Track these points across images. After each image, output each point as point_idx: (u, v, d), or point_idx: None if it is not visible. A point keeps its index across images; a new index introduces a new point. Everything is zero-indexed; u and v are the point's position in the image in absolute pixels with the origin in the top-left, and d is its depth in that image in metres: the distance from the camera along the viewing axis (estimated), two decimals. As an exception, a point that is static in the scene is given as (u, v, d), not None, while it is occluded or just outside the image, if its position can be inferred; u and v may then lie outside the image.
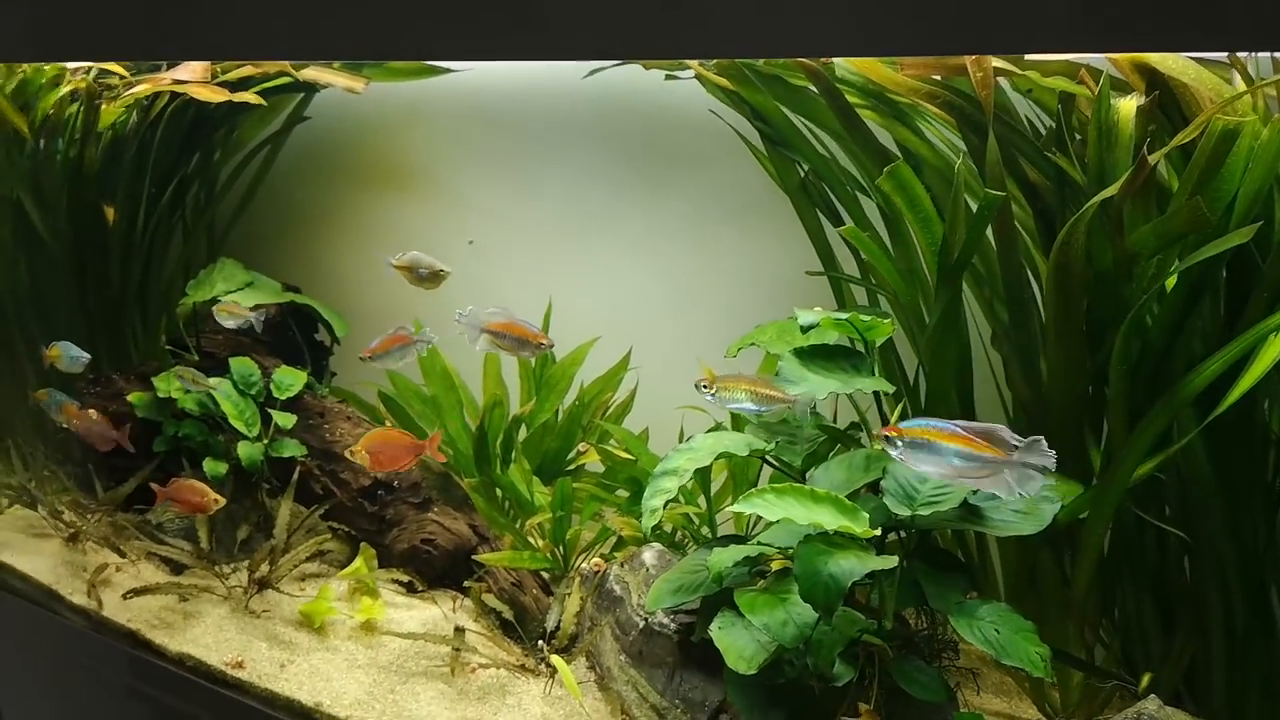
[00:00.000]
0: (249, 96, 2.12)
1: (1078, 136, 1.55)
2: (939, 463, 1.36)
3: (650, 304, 2.41)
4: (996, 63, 1.52)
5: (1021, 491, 1.32)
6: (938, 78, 1.61)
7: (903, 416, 1.82)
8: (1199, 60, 1.40)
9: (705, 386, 1.70)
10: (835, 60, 1.69)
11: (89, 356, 2.31)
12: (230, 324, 2.31)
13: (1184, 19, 1.03)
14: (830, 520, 1.50)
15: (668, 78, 2.05)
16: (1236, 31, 1.03)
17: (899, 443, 1.40)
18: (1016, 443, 1.32)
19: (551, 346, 1.95)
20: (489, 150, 2.54)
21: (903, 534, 1.61)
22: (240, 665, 2.03)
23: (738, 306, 2.19)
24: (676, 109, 2.20)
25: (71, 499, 2.51)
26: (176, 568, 2.34)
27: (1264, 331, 1.35)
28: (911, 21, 1.16)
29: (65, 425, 2.34)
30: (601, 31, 1.37)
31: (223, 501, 2.14)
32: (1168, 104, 1.42)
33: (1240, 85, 1.41)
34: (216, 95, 2.10)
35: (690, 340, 2.14)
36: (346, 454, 2.07)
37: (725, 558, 1.62)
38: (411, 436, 2.08)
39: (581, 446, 2.29)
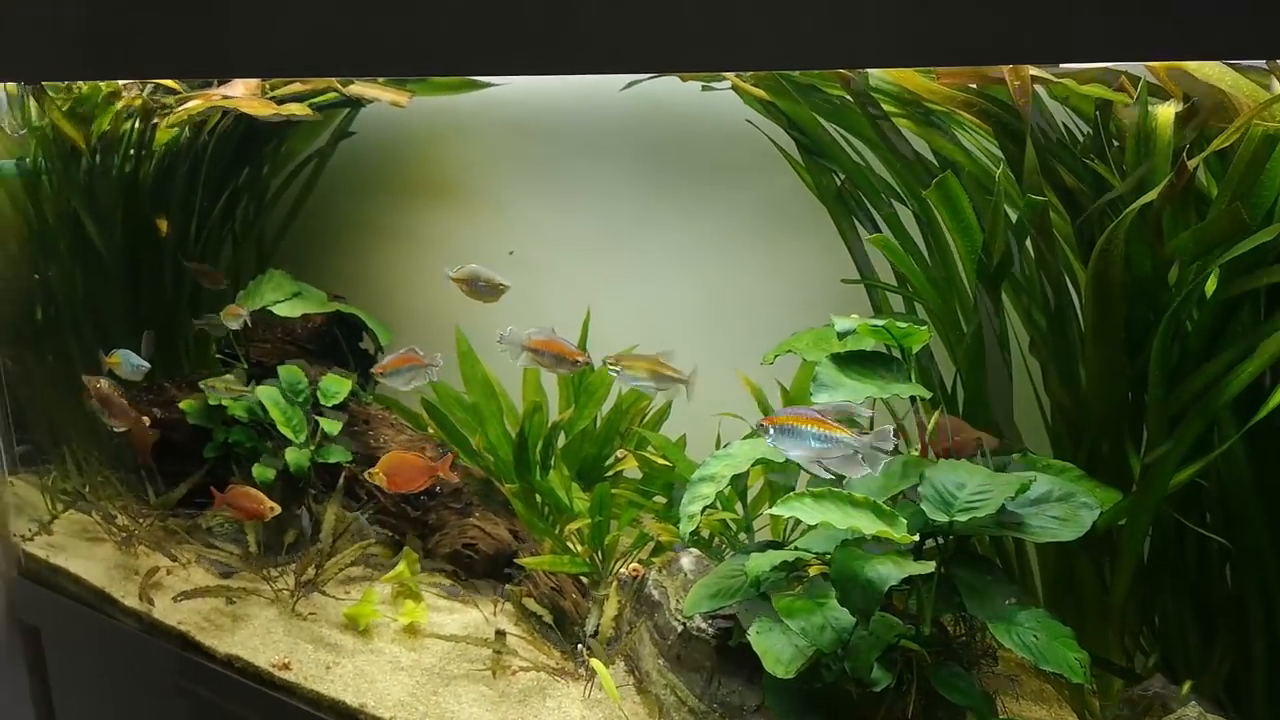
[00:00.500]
0: (298, 109, 2.18)
1: (1114, 143, 1.56)
2: (802, 445, 1.53)
3: (687, 312, 2.43)
4: (1033, 71, 1.53)
5: (872, 469, 1.51)
6: (974, 86, 1.63)
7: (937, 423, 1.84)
8: (1236, 67, 1.40)
9: (610, 363, 1.89)
10: (870, 70, 1.71)
11: (149, 366, 2.37)
12: (234, 325, 2.39)
13: (1217, 28, 1.04)
14: (869, 525, 1.50)
15: (704, 89, 2.08)
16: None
17: (771, 430, 1.56)
18: (865, 428, 1.52)
19: (588, 363, 2.06)
20: (529, 162, 2.57)
21: (940, 540, 1.62)
22: (287, 666, 2.07)
23: (774, 315, 2.20)
24: (713, 119, 2.22)
25: (124, 504, 2.58)
26: (226, 571, 2.40)
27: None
28: (948, 34, 1.17)
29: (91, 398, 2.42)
30: (641, 46, 1.40)
31: (278, 509, 2.20)
32: (1205, 112, 1.42)
33: (1276, 88, 1.41)
34: (266, 109, 2.16)
35: (727, 348, 2.15)
36: (365, 476, 2.16)
37: (763, 562, 1.63)
38: (426, 459, 2.21)
39: (620, 453, 2.31)
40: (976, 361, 1.68)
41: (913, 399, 1.76)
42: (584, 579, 2.16)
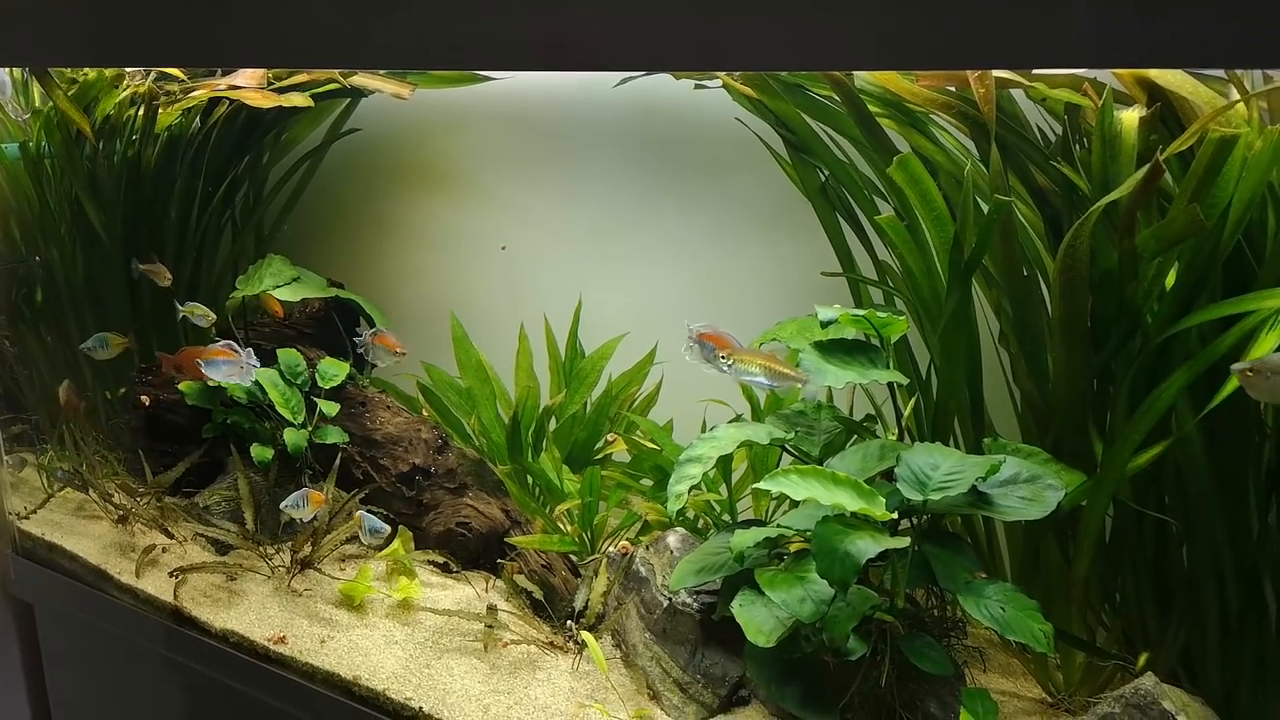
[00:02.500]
0: (297, 99, 2.24)
1: (1084, 144, 1.65)
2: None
3: (677, 302, 2.50)
4: (1006, 75, 1.62)
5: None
6: (951, 89, 1.71)
7: (915, 410, 1.93)
8: (1196, 75, 1.50)
9: (722, 357, 1.81)
10: (855, 71, 1.79)
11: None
12: (202, 325, 2.46)
13: (1181, 39, 1.12)
14: (850, 502, 1.59)
15: (697, 87, 2.16)
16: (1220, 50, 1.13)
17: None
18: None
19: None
20: (526, 154, 2.64)
21: (915, 519, 1.70)
22: (283, 641, 2.12)
23: (760, 305, 2.28)
24: (704, 116, 2.29)
25: (122, 482, 2.61)
26: (222, 548, 2.44)
27: (1255, 322, 1.43)
28: (928, 39, 1.25)
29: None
30: (638, 45, 1.46)
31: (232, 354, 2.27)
32: (1167, 116, 1.52)
33: (1235, 96, 1.51)
34: (267, 100, 2.22)
35: (714, 337, 2.23)
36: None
37: (746, 538, 1.72)
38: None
39: (609, 436, 2.38)
40: (949, 350, 1.77)
41: (890, 385, 1.84)
42: (573, 557, 2.24)
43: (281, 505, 2.22)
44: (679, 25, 1.40)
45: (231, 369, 2.25)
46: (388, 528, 2.22)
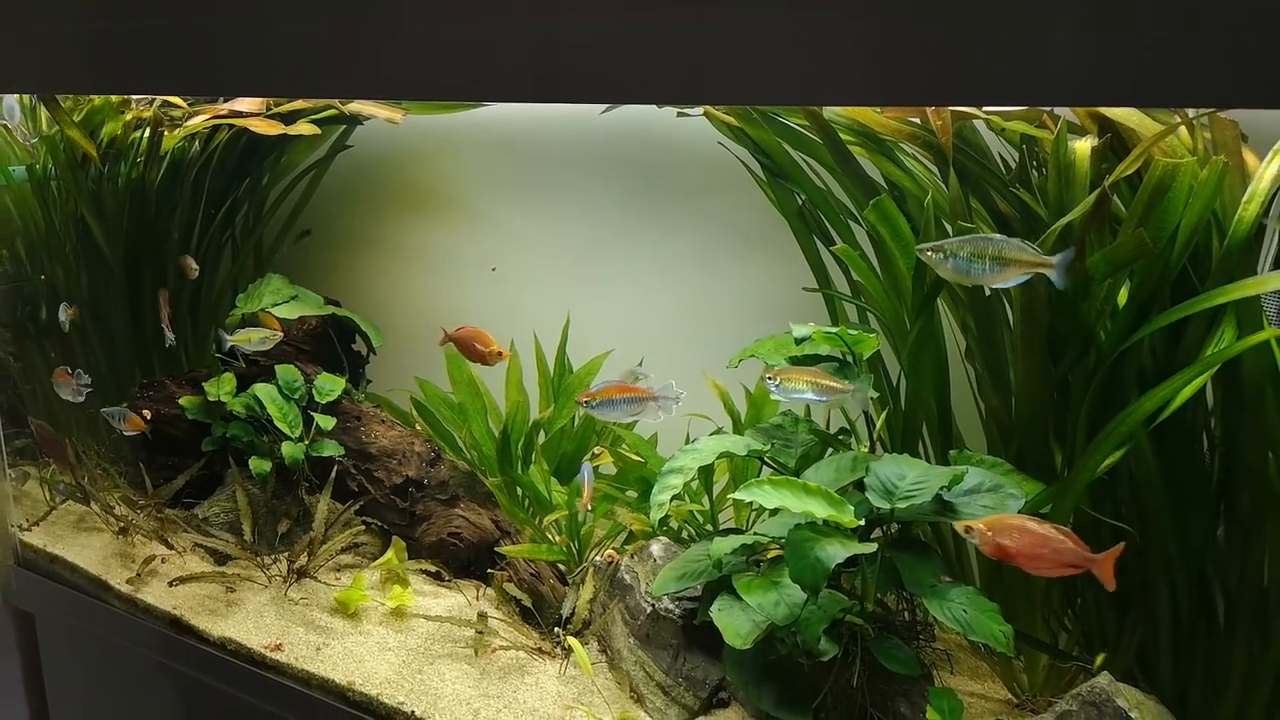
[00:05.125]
0: (304, 128, 2.33)
1: (1042, 172, 1.74)
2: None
3: (661, 320, 2.58)
4: (965, 108, 1.72)
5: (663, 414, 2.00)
6: (916, 120, 1.81)
7: (888, 422, 2.02)
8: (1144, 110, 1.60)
9: (769, 379, 1.85)
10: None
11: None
12: (266, 347, 2.54)
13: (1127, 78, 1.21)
14: (820, 510, 1.67)
15: (679, 115, 2.25)
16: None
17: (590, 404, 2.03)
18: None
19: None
20: (515, 178, 2.72)
21: (888, 529, 1.79)
22: (279, 648, 2.18)
23: (741, 323, 2.36)
24: (687, 142, 2.38)
25: (122, 495, 2.68)
26: (221, 558, 2.51)
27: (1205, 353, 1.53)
28: (893, 76, 1.34)
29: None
30: (621, 78, 1.54)
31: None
32: (1117, 146, 1.61)
33: (1183, 131, 1.61)
34: (272, 128, 2.31)
35: (697, 354, 2.31)
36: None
37: (724, 545, 1.80)
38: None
39: (596, 449, 2.46)
40: (916, 367, 1.86)
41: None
42: (561, 566, 2.31)
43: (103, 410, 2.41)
44: (663, 61, 1.48)
45: (63, 388, 2.52)
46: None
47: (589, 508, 2.19)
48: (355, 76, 1.80)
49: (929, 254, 1.59)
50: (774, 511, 1.85)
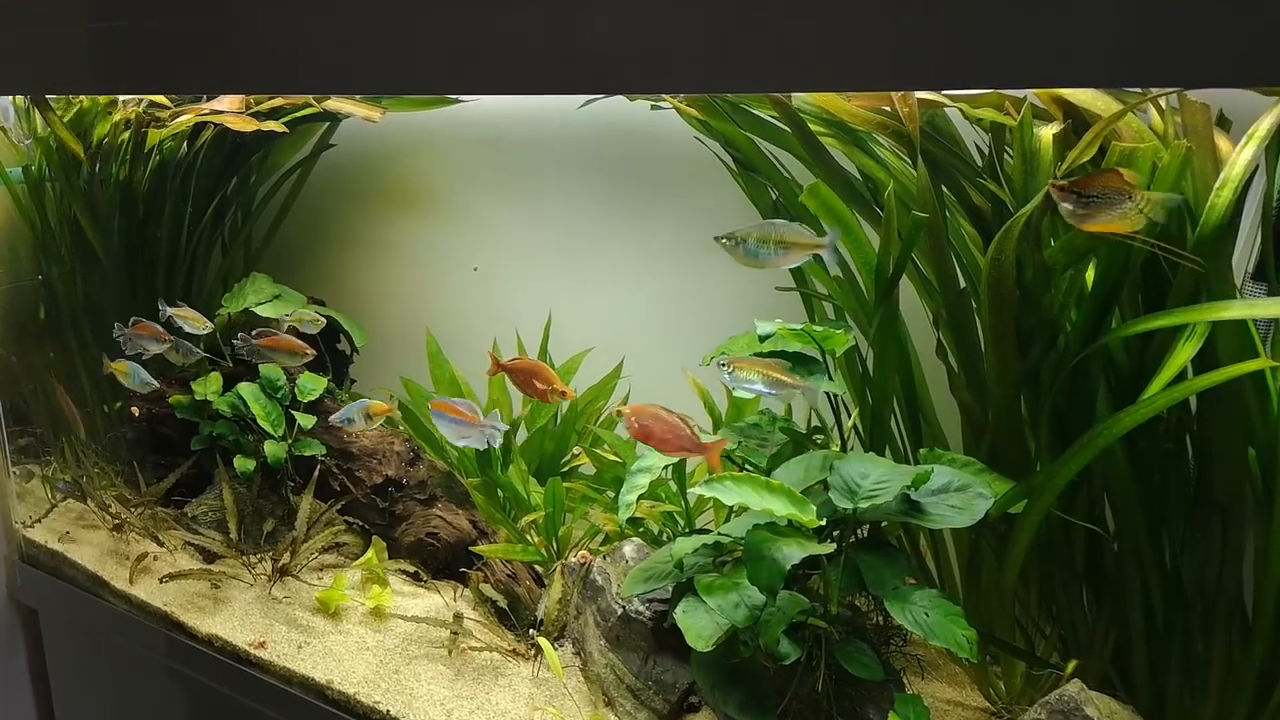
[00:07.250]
0: (273, 125, 2.33)
1: (1009, 159, 1.68)
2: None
3: (641, 318, 2.55)
4: (932, 96, 1.66)
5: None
6: (887, 109, 1.76)
7: (862, 418, 1.96)
8: (1111, 92, 1.53)
9: (722, 365, 1.82)
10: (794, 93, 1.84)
11: (155, 384, 2.49)
12: (311, 330, 2.52)
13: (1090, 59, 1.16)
14: (781, 508, 1.63)
15: (653, 108, 2.21)
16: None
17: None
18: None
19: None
20: (496, 175, 2.70)
21: (853, 529, 1.74)
22: (263, 646, 2.19)
23: (721, 321, 2.32)
24: (665, 136, 2.35)
25: (118, 493, 2.71)
26: (209, 556, 2.53)
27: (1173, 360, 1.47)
28: (860, 63, 1.29)
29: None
30: (588, 69, 1.51)
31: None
32: (1081, 131, 1.55)
33: (1152, 113, 1.54)
34: (247, 125, 2.31)
35: (677, 352, 2.28)
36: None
37: (686, 546, 1.76)
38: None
39: (576, 450, 2.44)
40: (881, 362, 1.81)
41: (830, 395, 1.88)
42: (538, 567, 2.29)
43: (333, 419, 2.33)
44: (625, 47, 1.45)
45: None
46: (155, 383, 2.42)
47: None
48: (338, 73, 1.79)
49: (723, 241, 1.69)
50: (742, 511, 1.81)
